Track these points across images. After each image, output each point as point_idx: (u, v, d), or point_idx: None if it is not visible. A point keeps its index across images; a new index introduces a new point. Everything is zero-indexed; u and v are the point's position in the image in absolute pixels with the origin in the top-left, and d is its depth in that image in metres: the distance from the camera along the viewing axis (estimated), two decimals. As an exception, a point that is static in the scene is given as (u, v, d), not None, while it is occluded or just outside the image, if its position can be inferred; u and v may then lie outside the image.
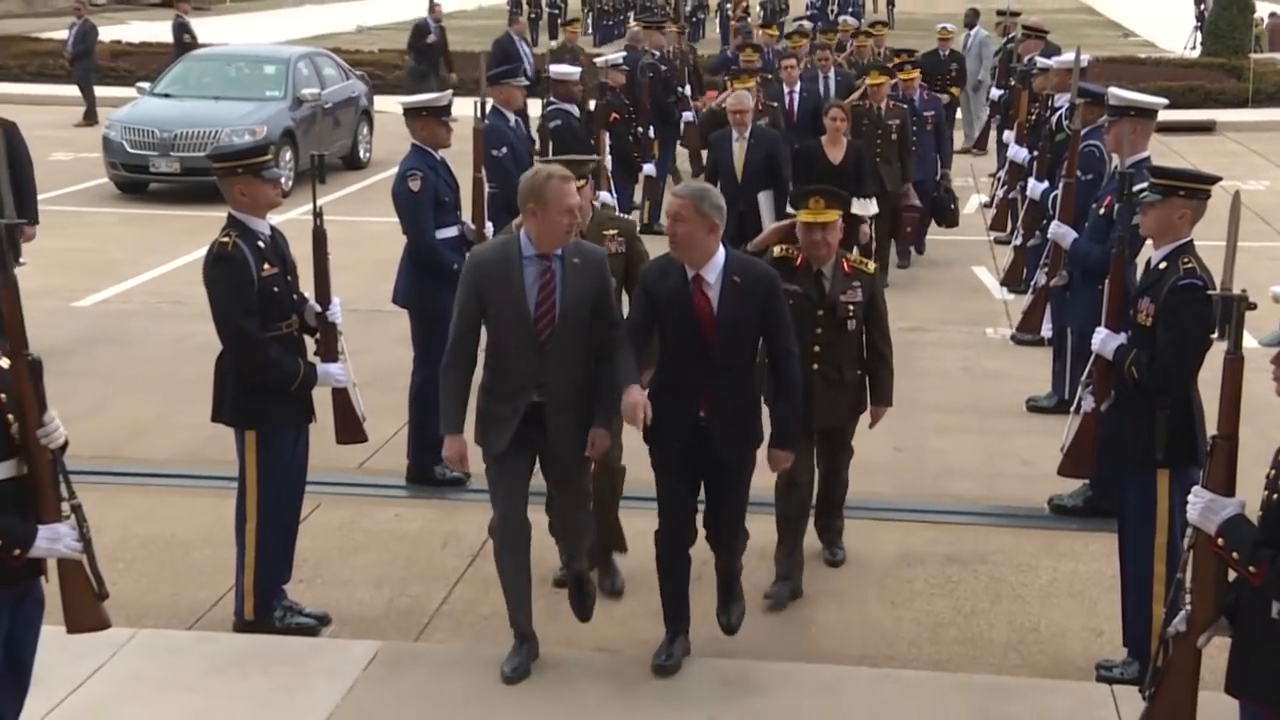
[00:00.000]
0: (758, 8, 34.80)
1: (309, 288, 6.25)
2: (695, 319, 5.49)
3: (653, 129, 14.85)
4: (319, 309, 6.22)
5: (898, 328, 10.51)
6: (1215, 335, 5.26)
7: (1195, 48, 31.56)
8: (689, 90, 16.43)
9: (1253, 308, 4.25)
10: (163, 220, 15.61)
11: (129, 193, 17.06)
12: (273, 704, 5.47)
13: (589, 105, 12.60)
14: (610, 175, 11.21)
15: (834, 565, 6.95)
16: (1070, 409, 6.35)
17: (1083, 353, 6.53)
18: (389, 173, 9.62)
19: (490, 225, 8.15)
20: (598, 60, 15.75)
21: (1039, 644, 6.30)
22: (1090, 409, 6.05)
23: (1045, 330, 9.48)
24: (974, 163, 18.53)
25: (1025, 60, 13.98)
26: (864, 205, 10.93)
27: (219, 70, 18.59)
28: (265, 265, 5.93)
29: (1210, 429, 4.31)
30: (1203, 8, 32.54)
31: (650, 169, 14.47)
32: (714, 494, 5.76)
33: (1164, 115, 7.97)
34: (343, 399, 6.41)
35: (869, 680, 5.75)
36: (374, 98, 20.25)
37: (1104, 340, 5.87)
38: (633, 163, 13.96)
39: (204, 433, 7.19)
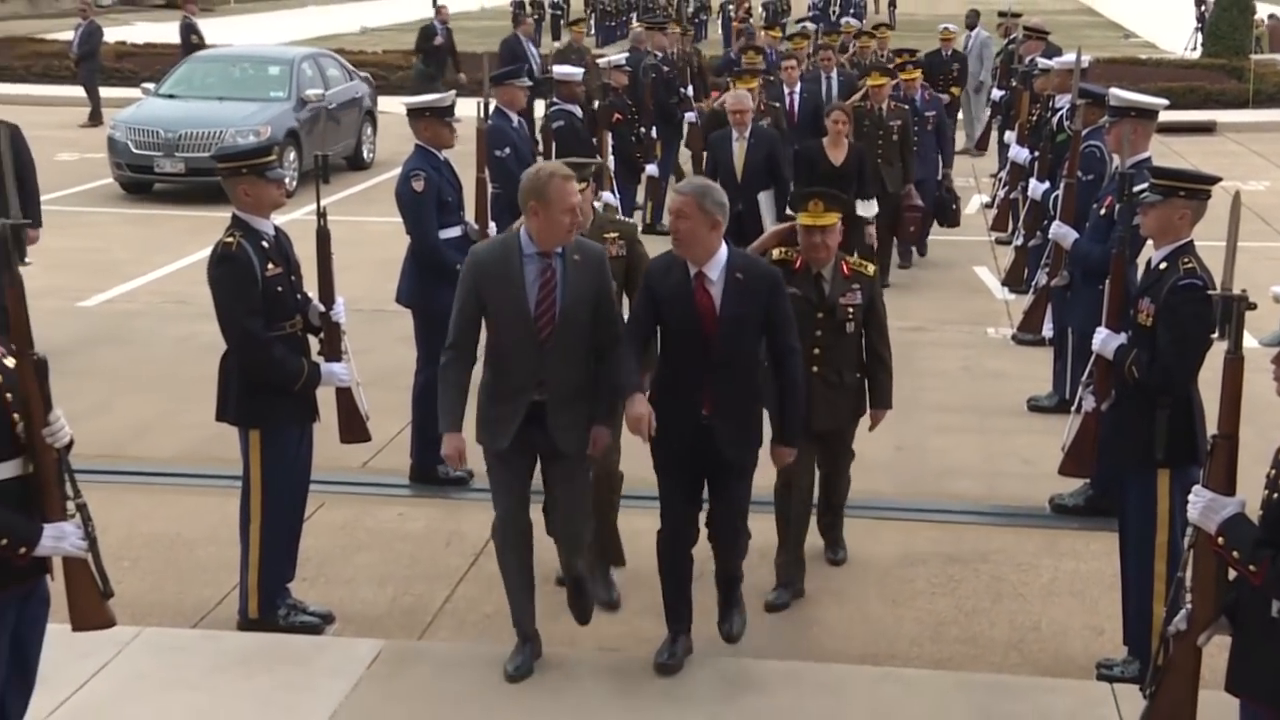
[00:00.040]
0: (760, 9, 34.80)
1: (313, 287, 6.26)
2: (697, 316, 5.47)
3: (655, 129, 14.86)
4: (323, 309, 6.24)
5: (899, 327, 10.54)
6: (1215, 335, 5.28)
7: (1196, 49, 31.53)
8: (691, 91, 16.42)
9: (1253, 308, 4.26)
10: (167, 220, 15.63)
11: (133, 193, 17.09)
12: (277, 702, 5.49)
13: (593, 105, 12.62)
14: (613, 175, 11.23)
15: (835, 564, 6.97)
16: (1071, 408, 6.36)
17: (1084, 352, 6.53)
18: (392, 173, 9.64)
19: (493, 225, 8.18)
20: (600, 61, 15.77)
21: (1040, 643, 6.31)
22: (1091, 409, 6.06)
23: (1046, 330, 9.47)
24: (975, 163, 18.54)
25: (1026, 61, 13.97)
26: (865, 206, 10.93)
27: (223, 71, 18.61)
28: (269, 265, 5.94)
29: (1211, 428, 4.31)
30: (1203, 9, 32.51)
31: (653, 169, 14.49)
32: (716, 493, 5.74)
33: (1165, 116, 7.97)
34: (346, 398, 6.42)
35: (870, 679, 5.75)
36: (377, 98, 20.28)
37: (1104, 340, 5.88)
38: (635, 163, 13.98)
39: (208, 432, 7.20)
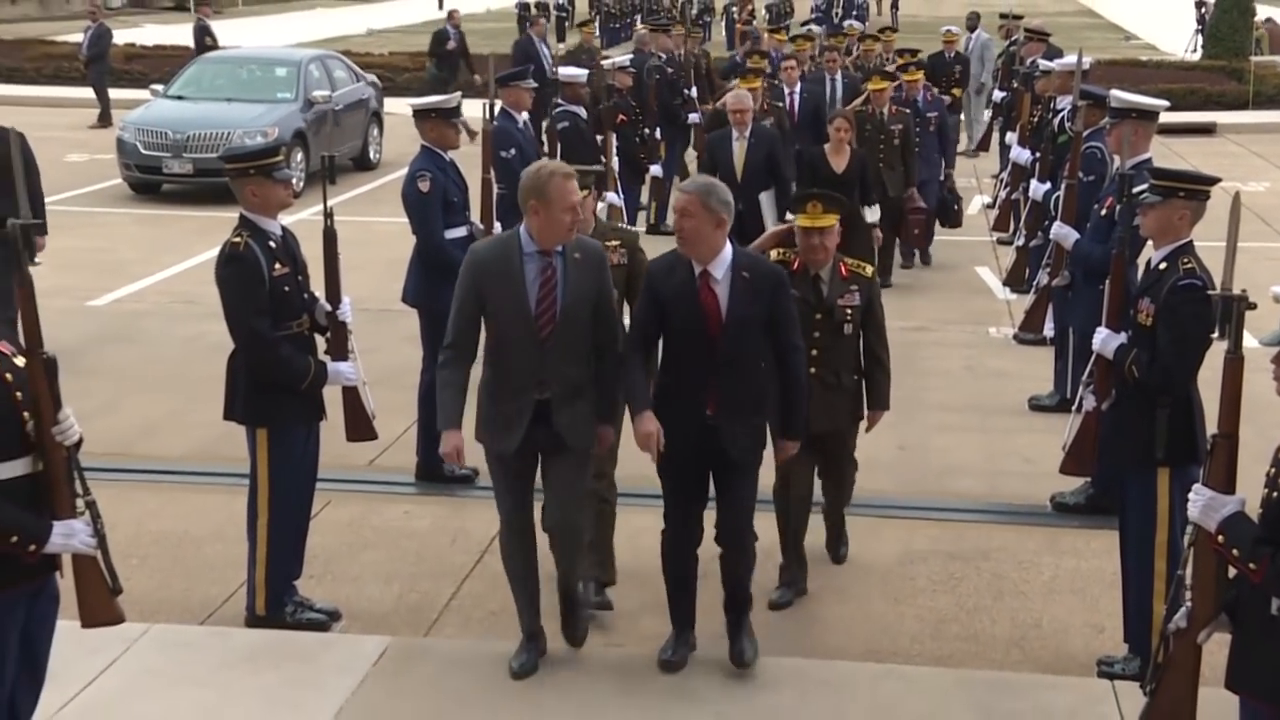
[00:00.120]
0: (763, 11, 34.81)
1: (320, 287, 6.29)
2: (701, 315, 5.46)
3: (659, 130, 14.90)
4: (329, 308, 6.26)
5: (901, 327, 10.63)
6: (1215, 335, 5.33)
7: (1196, 51, 31.53)
8: (695, 92, 16.46)
9: (1253, 308, 4.28)
10: (175, 221, 15.68)
11: (142, 193, 17.15)
12: (283, 698, 5.52)
13: (598, 106, 12.65)
14: (617, 176, 11.26)
15: (838, 562, 6.99)
16: (1072, 408, 6.38)
17: (1084, 352, 6.53)
18: (399, 174, 9.66)
19: (498, 225, 8.22)
20: (604, 63, 15.81)
21: (1041, 640, 6.34)
22: (1091, 408, 6.08)
23: (1047, 330, 9.50)
24: (976, 164, 18.57)
25: (1027, 63, 14.00)
26: (869, 213, 10.95)
27: (231, 72, 18.67)
28: (276, 265, 5.97)
29: (1210, 428, 4.34)
30: (1203, 11, 32.50)
31: (657, 170, 14.53)
32: (721, 493, 5.70)
33: (1165, 117, 8.01)
34: (353, 397, 6.44)
35: (872, 676, 5.77)
36: (384, 99, 20.31)
37: (1105, 340, 5.90)
38: (639, 164, 14.02)
39: (216, 430, 7.24)
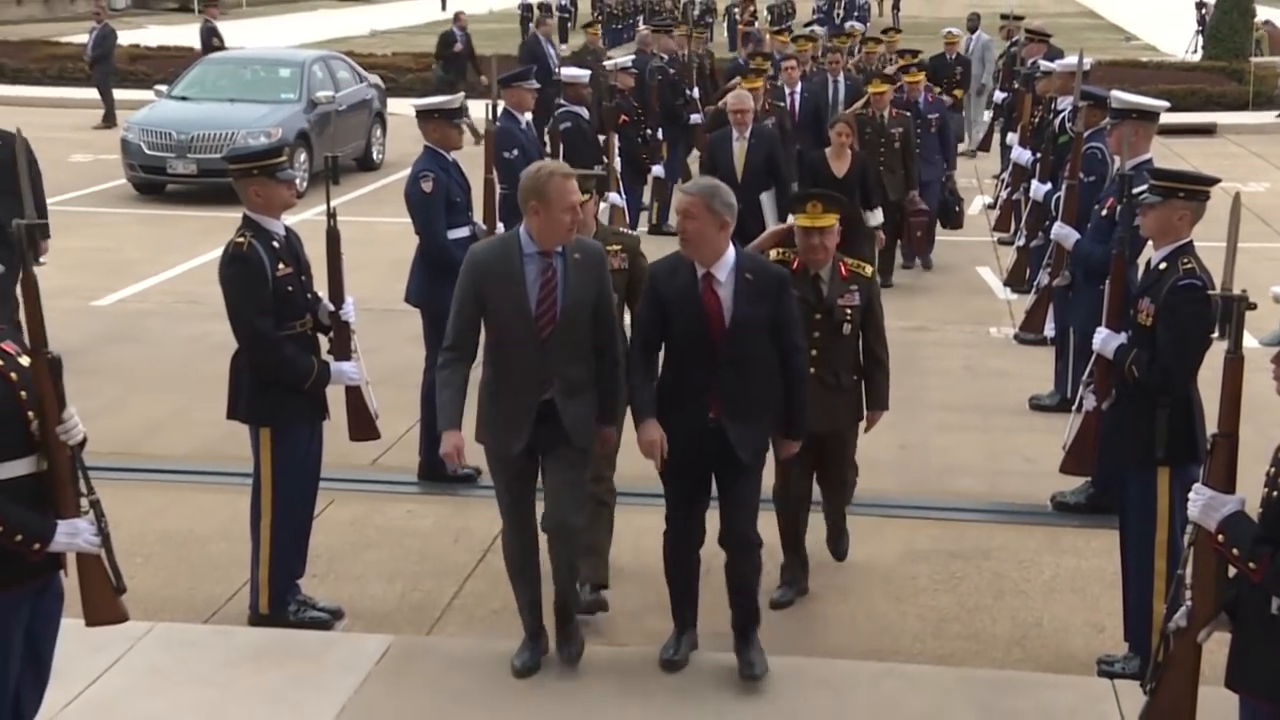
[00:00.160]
0: (765, 11, 34.79)
1: (323, 287, 6.31)
2: (704, 318, 5.44)
3: (661, 131, 14.92)
4: (332, 308, 6.28)
5: (902, 327, 10.65)
6: (1215, 335, 5.35)
7: (1196, 51, 31.56)
8: (697, 93, 16.47)
9: (1253, 308, 4.30)
10: (179, 221, 15.71)
11: (146, 194, 17.18)
12: (287, 697, 5.53)
13: (600, 107, 12.67)
14: (619, 177, 11.28)
15: (839, 558, 6.98)
16: (1072, 407, 6.39)
17: (1085, 352, 6.53)
18: (402, 174, 9.70)
19: (501, 226, 8.23)
20: (607, 63, 15.83)
21: (1041, 639, 6.35)
22: (1091, 407, 6.09)
23: (1048, 330, 9.50)
24: (977, 164, 18.60)
25: (1028, 64, 14.02)
26: (870, 216, 10.97)
27: (235, 73, 18.71)
28: (280, 265, 5.98)
29: (1210, 427, 4.35)
30: (1204, 12, 32.51)
31: (659, 170, 14.56)
32: (724, 493, 5.66)
33: (1165, 118, 8.01)
34: (356, 397, 6.46)
35: (873, 674, 5.78)
36: (387, 100, 20.36)
37: (1105, 340, 5.91)
38: (641, 164, 14.04)
39: (220, 430, 7.26)
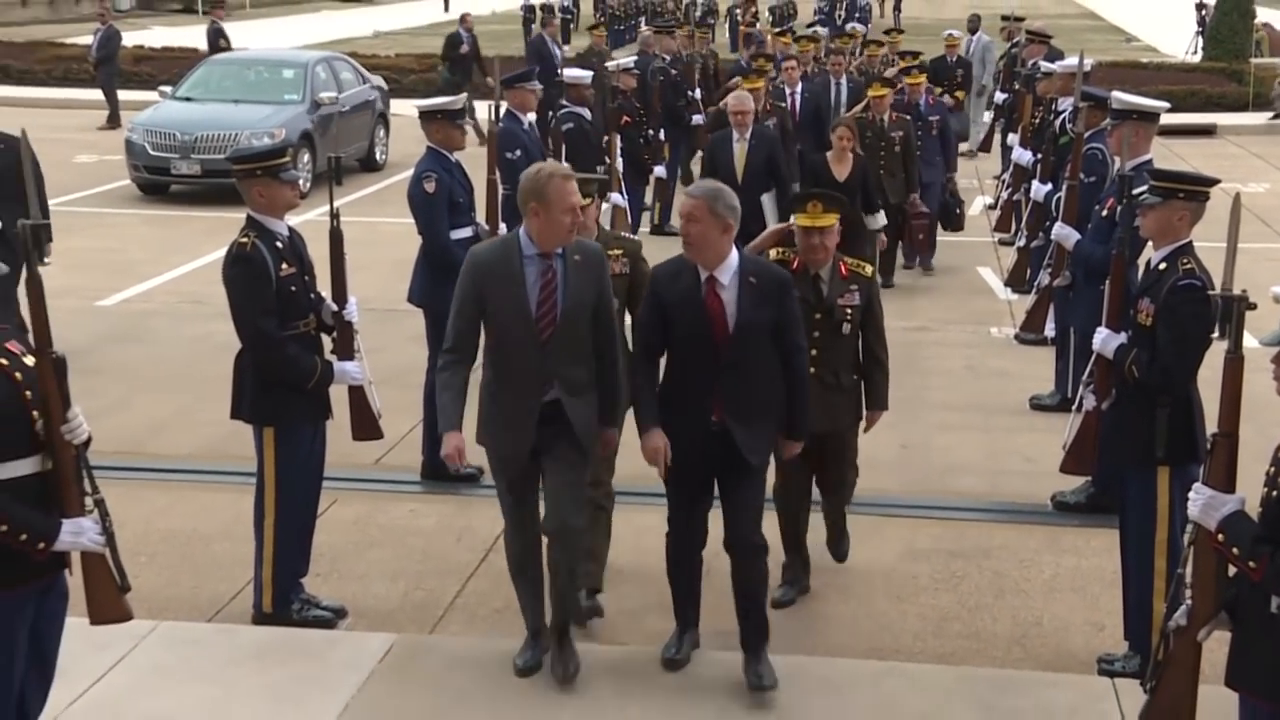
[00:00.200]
0: (766, 12, 34.79)
1: (326, 287, 6.33)
2: (707, 321, 5.43)
3: (663, 131, 14.94)
4: (336, 308, 6.29)
5: (903, 327, 10.67)
6: (1216, 335, 5.36)
7: (1197, 53, 31.56)
8: (699, 94, 16.49)
9: (1253, 308, 4.32)
10: (183, 221, 15.73)
11: (151, 194, 17.21)
12: (290, 695, 5.55)
13: (602, 108, 12.70)
14: (621, 177, 11.31)
15: (839, 560, 6.99)
16: (1072, 407, 6.41)
17: (1085, 352, 6.54)
18: (405, 175, 9.70)
19: (503, 226, 8.25)
20: (609, 64, 15.84)
21: (1042, 638, 6.37)
22: (1092, 407, 6.11)
23: (1048, 330, 9.52)
24: (978, 165, 18.62)
25: (1029, 65, 14.02)
26: (872, 220, 10.99)
27: (239, 74, 18.73)
28: (283, 265, 6.00)
29: (1210, 427, 4.37)
30: (1204, 13, 32.52)
31: (661, 170, 14.57)
32: (727, 495, 5.63)
33: (1166, 119, 8.03)
34: (359, 396, 6.48)
35: (874, 673, 5.80)
36: (390, 101, 20.38)
37: (1105, 340, 5.93)
38: (643, 165, 14.05)
39: (223, 429, 7.28)
